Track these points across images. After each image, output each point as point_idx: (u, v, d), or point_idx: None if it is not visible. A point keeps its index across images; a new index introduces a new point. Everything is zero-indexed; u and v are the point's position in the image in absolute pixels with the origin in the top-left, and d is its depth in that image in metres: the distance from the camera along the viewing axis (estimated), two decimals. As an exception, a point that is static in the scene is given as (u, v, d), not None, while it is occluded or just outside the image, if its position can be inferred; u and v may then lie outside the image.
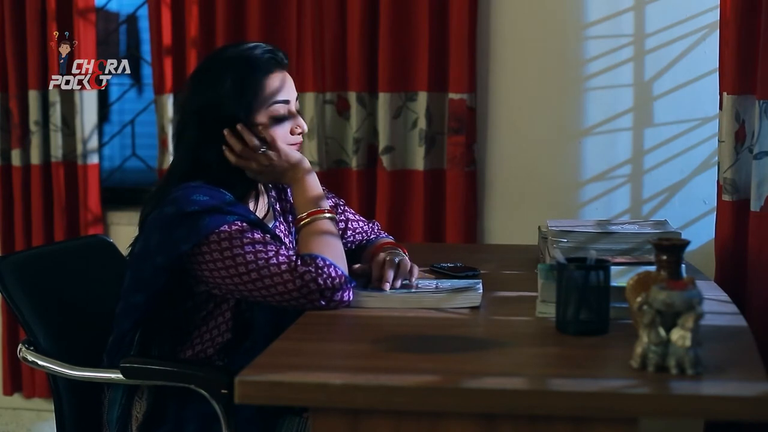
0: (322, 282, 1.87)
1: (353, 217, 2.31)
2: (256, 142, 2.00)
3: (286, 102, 2.04)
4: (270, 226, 2.08)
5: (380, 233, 2.37)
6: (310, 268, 1.87)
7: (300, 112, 2.10)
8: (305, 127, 2.08)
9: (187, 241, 1.88)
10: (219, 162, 2.01)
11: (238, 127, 1.99)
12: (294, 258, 1.88)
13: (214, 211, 1.90)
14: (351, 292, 1.93)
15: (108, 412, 2.03)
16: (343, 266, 1.93)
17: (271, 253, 1.88)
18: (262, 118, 2.01)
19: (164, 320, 1.99)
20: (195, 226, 1.88)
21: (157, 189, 2.04)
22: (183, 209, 1.90)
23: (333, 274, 1.88)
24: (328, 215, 2.01)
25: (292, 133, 2.05)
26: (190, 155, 2.02)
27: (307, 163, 2.06)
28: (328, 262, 1.89)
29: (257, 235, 1.90)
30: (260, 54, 2.02)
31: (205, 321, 1.99)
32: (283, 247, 1.91)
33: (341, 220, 2.26)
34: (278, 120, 2.03)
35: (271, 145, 2.01)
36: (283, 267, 1.87)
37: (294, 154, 2.04)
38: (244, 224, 1.91)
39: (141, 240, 1.96)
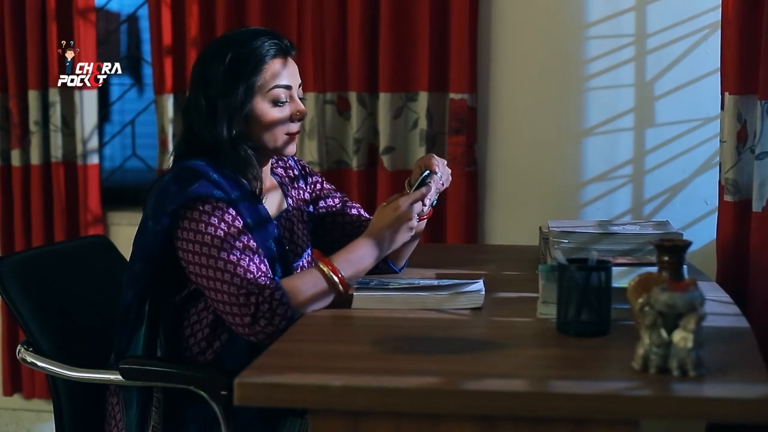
0: (278, 316, 1.85)
1: (354, 204, 2.35)
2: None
3: (288, 87, 2.04)
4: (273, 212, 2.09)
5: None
6: (273, 295, 1.85)
7: (303, 101, 2.09)
8: (305, 110, 2.07)
9: (174, 201, 1.91)
10: (225, 140, 2.00)
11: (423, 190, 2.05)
12: (261, 274, 1.88)
13: (205, 180, 1.93)
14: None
15: (126, 415, 2.02)
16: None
17: (239, 254, 1.88)
18: (262, 102, 2.01)
19: (168, 296, 2.00)
20: (183, 189, 1.91)
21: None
22: (177, 176, 1.94)
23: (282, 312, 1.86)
24: (330, 276, 1.93)
25: (291, 119, 2.05)
26: (192, 135, 2.04)
27: (394, 237, 2.02)
28: (285, 300, 1.86)
29: (240, 237, 1.90)
30: (262, 39, 2.02)
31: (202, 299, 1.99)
32: (256, 257, 1.90)
33: (351, 207, 2.31)
34: (278, 104, 2.03)
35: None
36: (240, 270, 1.87)
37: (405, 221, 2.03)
38: (230, 209, 1.92)
39: (143, 213, 1.99)
